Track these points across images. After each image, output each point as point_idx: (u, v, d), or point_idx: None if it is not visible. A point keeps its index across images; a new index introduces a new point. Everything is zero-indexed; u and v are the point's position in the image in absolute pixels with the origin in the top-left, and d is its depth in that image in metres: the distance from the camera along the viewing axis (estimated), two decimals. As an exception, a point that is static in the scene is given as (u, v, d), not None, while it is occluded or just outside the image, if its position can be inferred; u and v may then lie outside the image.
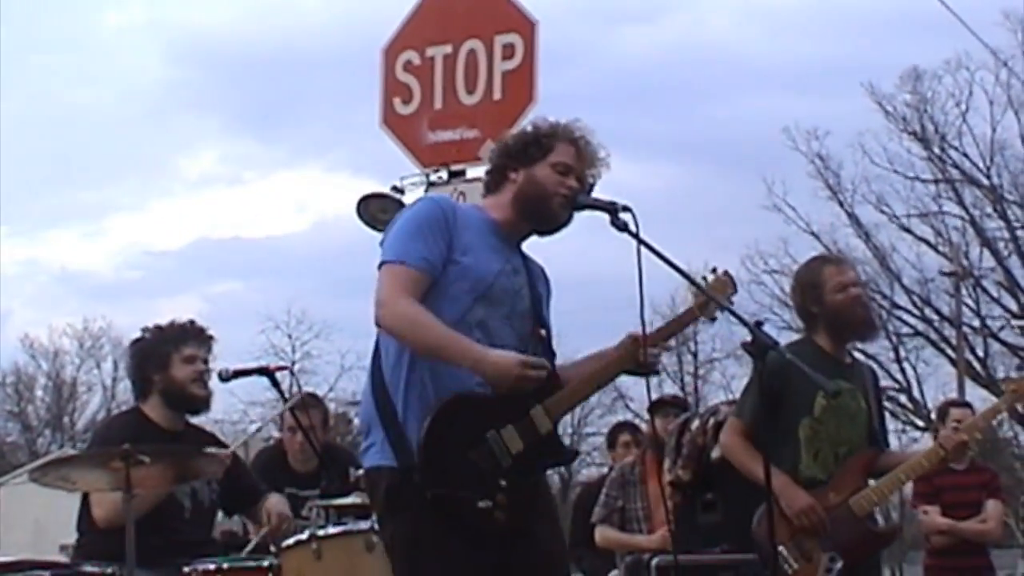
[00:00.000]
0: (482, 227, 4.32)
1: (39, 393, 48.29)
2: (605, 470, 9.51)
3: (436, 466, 4.05)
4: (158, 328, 5.83)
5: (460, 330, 4.13)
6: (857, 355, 5.93)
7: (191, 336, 5.77)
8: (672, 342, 4.53)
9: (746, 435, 5.52)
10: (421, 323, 4.09)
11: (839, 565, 5.34)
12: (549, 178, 4.30)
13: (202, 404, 5.78)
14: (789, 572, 5.28)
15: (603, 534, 7.46)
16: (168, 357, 5.68)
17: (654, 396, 7.49)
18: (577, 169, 4.33)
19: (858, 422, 5.53)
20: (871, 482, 5.55)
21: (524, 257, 4.44)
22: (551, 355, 4.35)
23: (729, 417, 5.76)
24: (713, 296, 4.39)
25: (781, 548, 5.27)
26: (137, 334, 5.91)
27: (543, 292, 4.47)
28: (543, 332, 4.36)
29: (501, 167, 4.40)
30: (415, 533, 4.10)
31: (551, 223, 4.36)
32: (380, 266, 4.21)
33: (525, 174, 4.32)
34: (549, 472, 4.83)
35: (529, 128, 4.45)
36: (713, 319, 4.47)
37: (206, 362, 5.77)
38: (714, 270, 4.54)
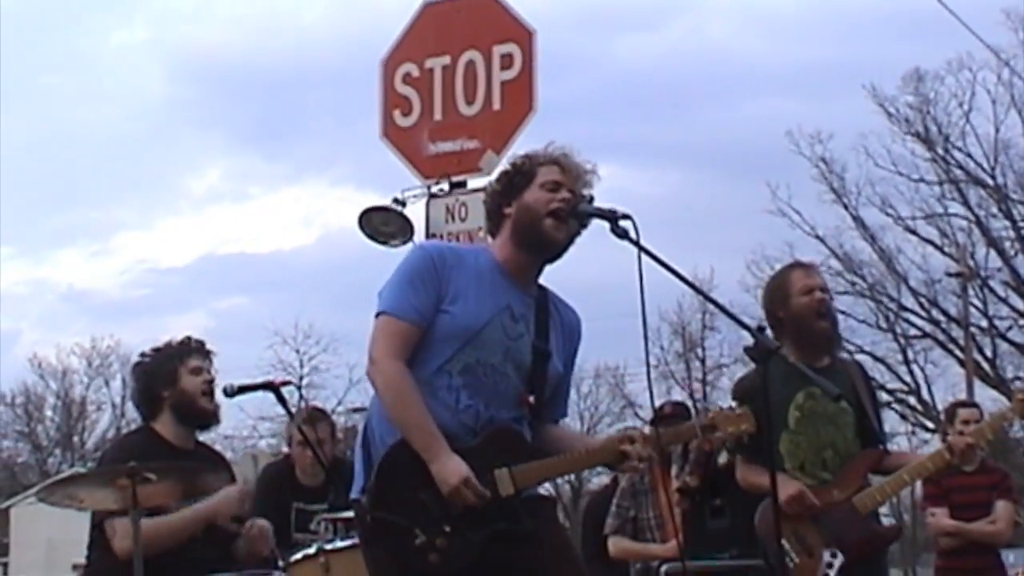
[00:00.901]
0: (482, 269, 4.30)
1: (48, 413, 48.43)
2: (606, 479, 9.46)
3: (385, 494, 4.10)
4: (157, 348, 5.86)
5: (440, 377, 4.18)
6: (858, 357, 5.92)
7: (193, 350, 5.80)
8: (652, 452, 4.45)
9: (747, 461, 5.57)
10: (403, 399, 4.14)
11: (839, 561, 5.35)
12: (540, 198, 4.29)
13: (211, 418, 5.80)
14: (790, 566, 5.30)
15: (617, 544, 7.45)
16: (175, 371, 5.69)
17: (659, 403, 7.48)
18: (567, 183, 4.31)
19: (839, 423, 5.52)
20: (877, 480, 5.56)
21: (543, 304, 4.38)
22: (537, 422, 4.33)
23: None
24: (710, 296, 4.39)
25: (783, 542, 5.28)
26: (136, 359, 5.93)
27: (555, 347, 4.38)
28: (531, 399, 4.29)
29: (496, 208, 4.41)
30: (383, 562, 4.16)
31: (549, 243, 4.31)
32: (377, 315, 4.26)
33: (517, 204, 4.32)
34: (560, 480, 4.79)
35: (511, 162, 4.47)
36: (723, 444, 4.41)
37: (211, 374, 5.80)
38: (732, 407, 4.52)
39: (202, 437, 5.90)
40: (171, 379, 5.69)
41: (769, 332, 5.45)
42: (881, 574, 5.65)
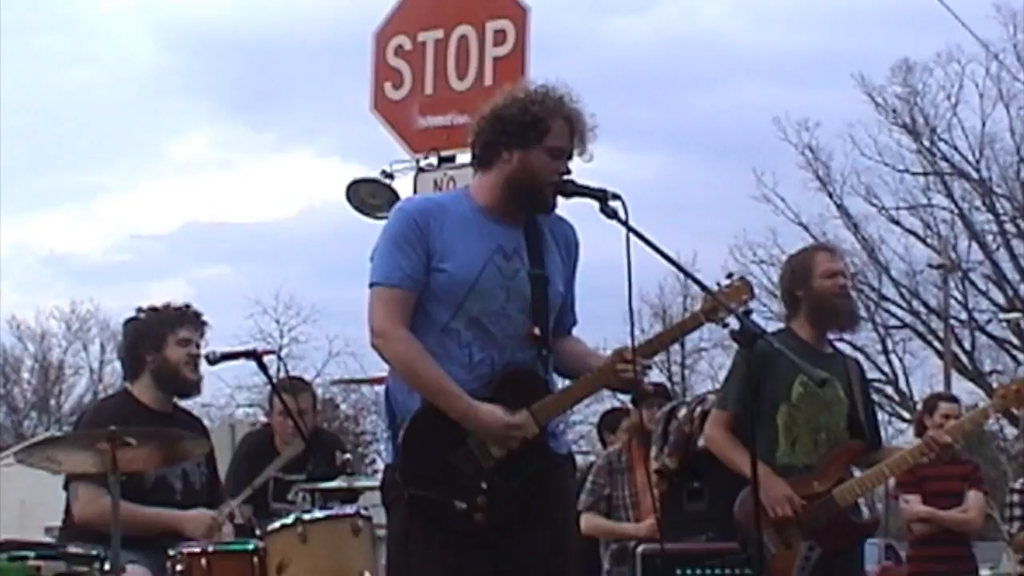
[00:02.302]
0: (465, 218, 4.27)
1: (26, 375, 48.23)
2: (592, 458, 9.47)
3: (416, 467, 4.13)
4: (153, 309, 5.80)
5: (448, 336, 4.19)
6: (843, 348, 5.95)
7: (187, 319, 5.76)
8: (654, 359, 4.49)
9: (730, 426, 5.55)
10: (415, 367, 4.17)
11: (817, 553, 5.37)
12: (546, 165, 4.23)
13: (193, 388, 5.78)
14: (767, 557, 5.32)
15: (589, 521, 7.45)
16: (163, 338, 5.66)
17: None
18: (568, 149, 4.27)
19: (835, 411, 5.55)
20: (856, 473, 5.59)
21: (533, 228, 4.34)
22: (547, 353, 4.32)
23: (712, 410, 5.77)
24: (700, 281, 4.38)
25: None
26: (131, 314, 5.86)
27: (553, 268, 4.35)
28: (536, 331, 4.28)
29: (494, 144, 4.28)
30: (405, 530, 4.18)
31: (541, 209, 4.32)
32: (370, 286, 4.26)
33: (520, 157, 4.23)
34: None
35: (524, 101, 4.27)
36: (725, 325, 4.40)
37: (198, 346, 5.77)
38: (730, 275, 4.49)
39: (180, 404, 5.88)
40: (158, 345, 5.66)
41: (752, 316, 5.49)
42: (857, 566, 5.68)
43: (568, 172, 4.27)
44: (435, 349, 4.17)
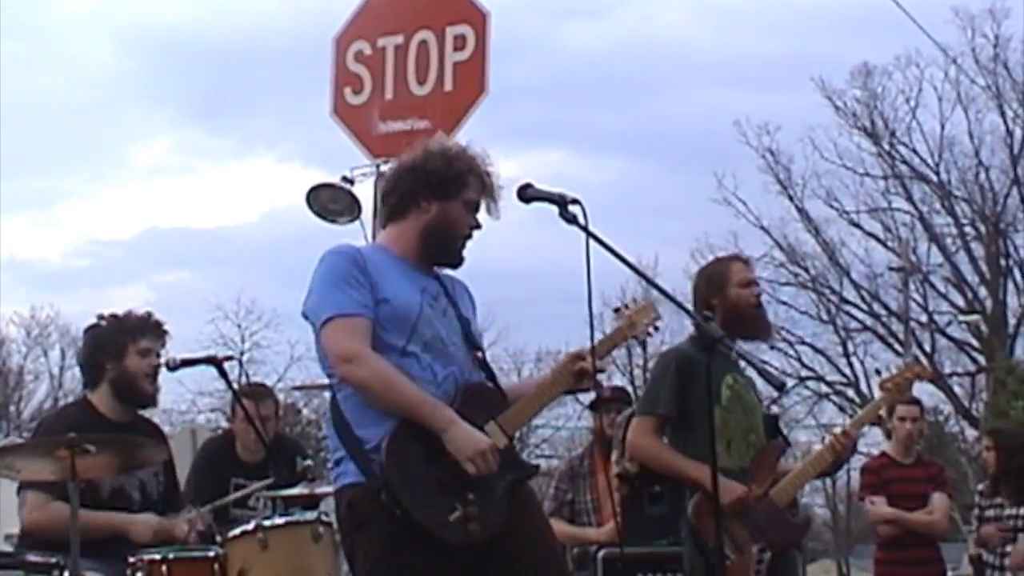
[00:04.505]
0: (389, 264, 4.35)
1: (-15, 381, 47.88)
2: (555, 463, 9.48)
3: (403, 484, 4.10)
4: (115, 317, 5.76)
5: (407, 360, 4.21)
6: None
7: (149, 329, 5.72)
8: (607, 360, 4.61)
9: (658, 431, 5.57)
10: (393, 382, 4.15)
11: (768, 556, 5.41)
12: (462, 218, 4.37)
13: (149, 401, 5.75)
14: (728, 564, 5.34)
15: (552, 527, 7.46)
16: (124, 348, 5.63)
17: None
18: (479, 203, 4.41)
19: (756, 414, 5.62)
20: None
21: (440, 280, 4.46)
22: (490, 373, 4.42)
23: (635, 418, 5.74)
24: (656, 284, 4.41)
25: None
26: (93, 320, 5.83)
27: (469, 312, 4.49)
28: (480, 354, 4.41)
29: (413, 193, 4.40)
30: (390, 548, 4.13)
31: (452, 260, 4.44)
32: (321, 326, 4.23)
33: (438, 208, 4.37)
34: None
35: (447, 155, 4.44)
36: (643, 340, 4.50)
37: (159, 356, 5.73)
38: (634, 300, 4.72)
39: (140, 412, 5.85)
40: (118, 354, 5.62)
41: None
42: (794, 565, 5.72)
43: (479, 226, 4.41)
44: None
